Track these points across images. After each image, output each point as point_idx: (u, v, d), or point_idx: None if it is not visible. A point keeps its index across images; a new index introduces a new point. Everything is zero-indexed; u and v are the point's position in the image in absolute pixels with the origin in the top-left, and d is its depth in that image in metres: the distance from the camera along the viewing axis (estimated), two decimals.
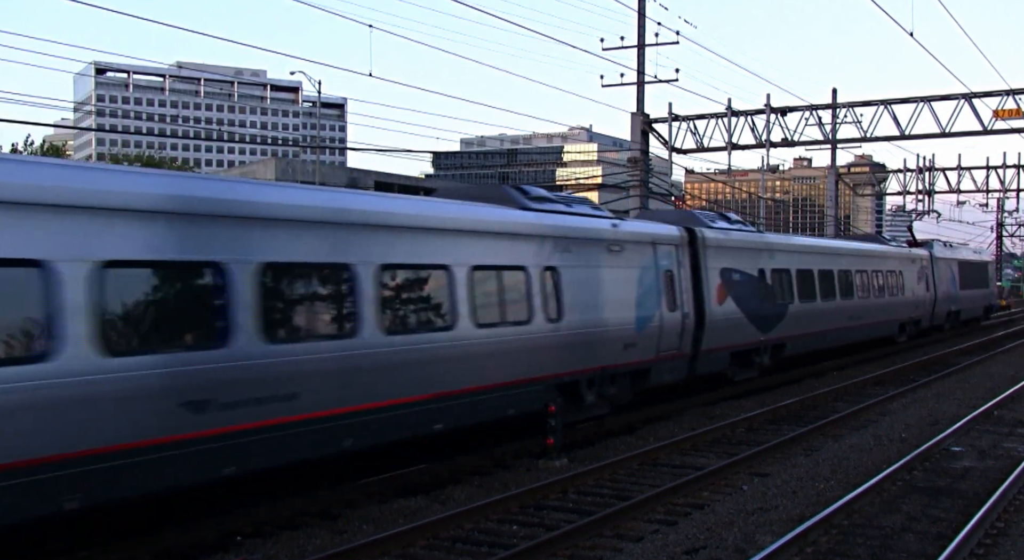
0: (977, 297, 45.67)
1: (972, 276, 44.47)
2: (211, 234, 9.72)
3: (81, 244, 8.58)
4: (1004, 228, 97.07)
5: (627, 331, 16.55)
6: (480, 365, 13.12)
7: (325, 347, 10.75)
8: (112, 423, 8.62)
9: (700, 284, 19.49)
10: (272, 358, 10.05)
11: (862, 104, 38.08)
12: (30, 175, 8.48)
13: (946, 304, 40.01)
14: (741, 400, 20.54)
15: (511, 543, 10.04)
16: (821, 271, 26.54)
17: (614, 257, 16.41)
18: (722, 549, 9.77)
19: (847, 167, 79.53)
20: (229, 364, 9.62)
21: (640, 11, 35.84)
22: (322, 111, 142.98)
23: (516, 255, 14.12)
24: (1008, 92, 34.80)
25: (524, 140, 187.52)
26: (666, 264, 18.12)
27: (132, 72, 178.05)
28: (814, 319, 25.52)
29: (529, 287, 14.20)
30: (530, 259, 14.36)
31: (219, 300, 9.69)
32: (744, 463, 13.92)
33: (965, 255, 44.62)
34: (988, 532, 10.54)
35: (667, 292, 17.98)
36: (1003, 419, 18.68)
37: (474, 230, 13.47)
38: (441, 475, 13.10)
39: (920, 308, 36.19)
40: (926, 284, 37.22)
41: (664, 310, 17.72)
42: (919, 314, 36.19)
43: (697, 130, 39.44)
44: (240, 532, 10.32)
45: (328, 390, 10.70)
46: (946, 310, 40.25)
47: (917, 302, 35.82)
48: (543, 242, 14.76)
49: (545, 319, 14.42)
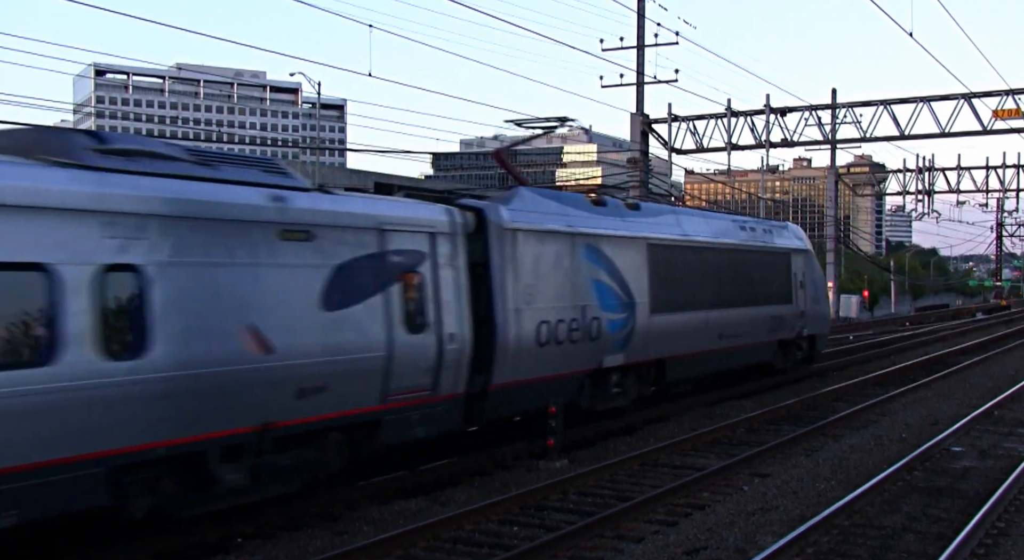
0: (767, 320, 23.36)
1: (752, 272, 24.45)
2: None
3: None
4: (1004, 228, 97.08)
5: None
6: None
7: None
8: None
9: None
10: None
11: (862, 104, 38.11)
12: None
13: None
14: (741, 400, 20.53)
15: (512, 544, 10.04)
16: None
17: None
18: (723, 550, 9.77)
19: (847, 167, 79.55)
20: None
21: (639, 11, 35.85)
22: (322, 112, 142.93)
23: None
24: (1008, 92, 34.82)
25: (524, 140, 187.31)
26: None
27: (132, 73, 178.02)
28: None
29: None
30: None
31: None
32: (744, 463, 13.92)
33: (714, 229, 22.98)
34: (989, 532, 10.54)
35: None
36: (1003, 419, 18.68)
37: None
38: (441, 476, 13.09)
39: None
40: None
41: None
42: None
43: (697, 130, 39.46)
44: (240, 533, 10.32)
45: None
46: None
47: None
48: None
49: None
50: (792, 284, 24.00)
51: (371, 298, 11.60)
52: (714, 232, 20.81)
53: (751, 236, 22.44)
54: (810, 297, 24.91)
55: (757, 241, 22.64)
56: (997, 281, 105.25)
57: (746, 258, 21.75)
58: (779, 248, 23.64)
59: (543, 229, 14.98)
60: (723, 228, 21.50)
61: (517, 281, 14.25)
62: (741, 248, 21.63)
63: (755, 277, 21.99)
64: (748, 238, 22.24)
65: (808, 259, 25.28)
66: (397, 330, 11.84)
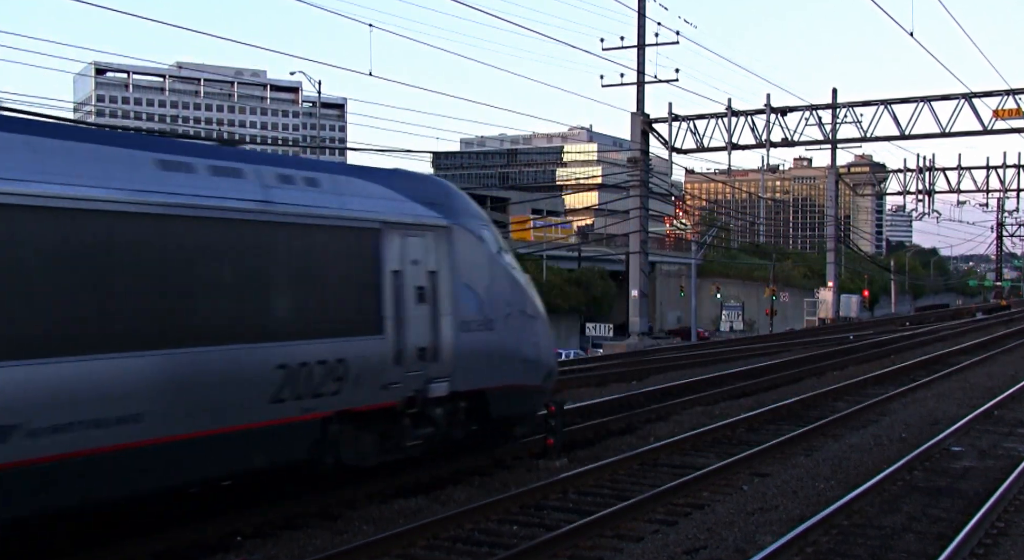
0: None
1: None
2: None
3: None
4: (1004, 228, 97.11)
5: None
6: None
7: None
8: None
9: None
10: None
11: (862, 104, 38.15)
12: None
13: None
14: (741, 400, 20.53)
15: (511, 543, 10.03)
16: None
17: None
18: (722, 549, 9.77)
19: (847, 167, 79.63)
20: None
21: (640, 11, 35.90)
22: (322, 111, 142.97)
23: None
24: (1008, 92, 34.85)
25: (524, 140, 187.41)
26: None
27: (132, 72, 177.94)
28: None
29: None
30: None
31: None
32: (744, 463, 13.92)
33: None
34: (988, 532, 10.53)
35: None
36: (1003, 419, 18.68)
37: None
38: (441, 475, 13.09)
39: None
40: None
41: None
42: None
43: (697, 130, 39.48)
44: (240, 532, 10.32)
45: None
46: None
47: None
48: None
49: None
50: (383, 295, 11.59)
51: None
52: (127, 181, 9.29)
53: (252, 190, 10.38)
54: (465, 317, 12.64)
55: (275, 204, 10.50)
56: (997, 281, 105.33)
57: (208, 241, 9.89)
58: (345, 218, 11.33)
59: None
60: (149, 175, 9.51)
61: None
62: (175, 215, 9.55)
63: (243, 282, 10.23)
64: (235, 192, 10.18)
65: (458, 243, 12.69)
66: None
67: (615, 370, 27.02)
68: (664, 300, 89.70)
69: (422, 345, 11.96)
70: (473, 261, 12.97)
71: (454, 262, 12.56)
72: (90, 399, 8.53)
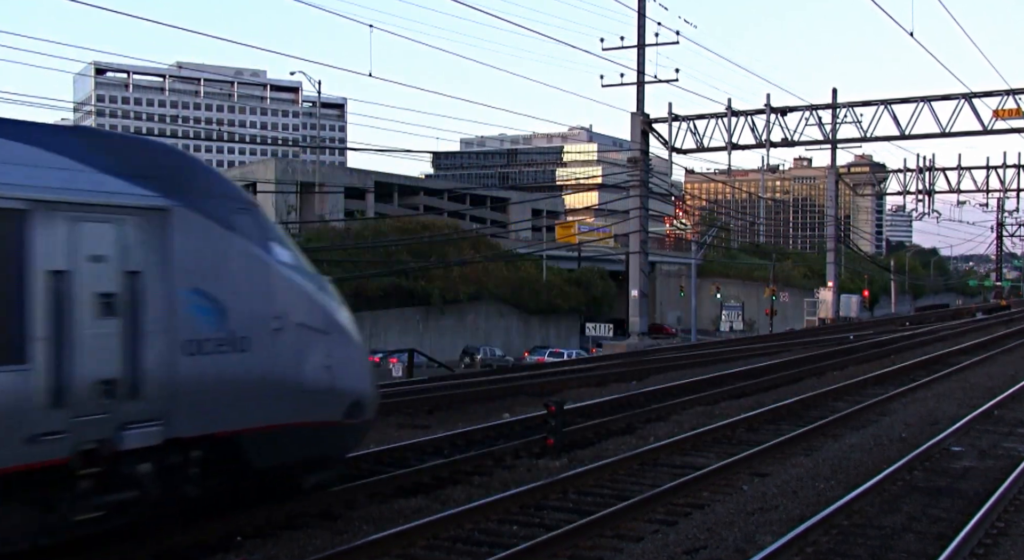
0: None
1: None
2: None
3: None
4: (1004, 228, 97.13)
5: None
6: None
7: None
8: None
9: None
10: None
11: (862, 104, 38.17)
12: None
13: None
14: (741, 400, 20.54)
15: (511, 543, 10.03)
16: None
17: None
18: (722, 549, 9.77)
19: (847, 167, 79.69)
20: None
21: (640, 11, 35.91)
22: (322, 111, 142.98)
23: None
24: (1008, 92, 34.86)
25: (524, 140, 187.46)
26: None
27: (132, 72, 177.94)
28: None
29: None
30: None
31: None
32: (744, 463, 13.91)
33: None
34: (988, 532, 10.54)
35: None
36: (1003, 419, 18.68)
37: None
38: (441, 475, 13.09)
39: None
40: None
41: None
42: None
43: (697, 130, 39.50)
44: (240, 532, 10.32)
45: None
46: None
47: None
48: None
49: None
50: (28, 306, 8.10)
51: None
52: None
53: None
54: (195, 335, 9.21)
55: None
56: (997, 281, 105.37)
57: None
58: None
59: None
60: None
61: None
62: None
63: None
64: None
65: (183, 233, 9.24)
66: None
67: (615, 370, 27.03)
68: (664, 300, 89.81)
69: (107, 376, 8.48)
70: (212, 258, 9.45)
71: (175, 259, 9.06)
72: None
